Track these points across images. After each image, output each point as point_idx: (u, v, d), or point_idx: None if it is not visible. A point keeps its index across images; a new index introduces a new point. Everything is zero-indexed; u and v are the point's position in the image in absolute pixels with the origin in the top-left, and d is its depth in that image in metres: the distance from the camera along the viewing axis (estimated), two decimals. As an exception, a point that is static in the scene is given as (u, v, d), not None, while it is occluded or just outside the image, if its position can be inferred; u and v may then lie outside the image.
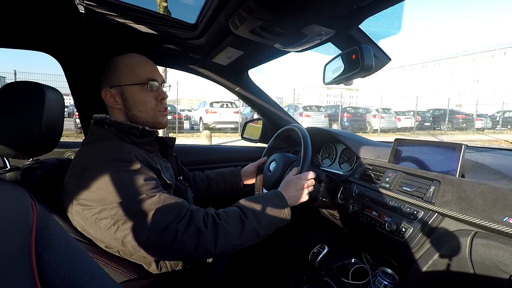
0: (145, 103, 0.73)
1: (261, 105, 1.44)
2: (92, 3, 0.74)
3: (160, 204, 0.58)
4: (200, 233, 0.59)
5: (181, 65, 1.27)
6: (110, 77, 0.71)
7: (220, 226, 0.62)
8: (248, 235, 0.65)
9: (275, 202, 0.73)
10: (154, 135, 0.75)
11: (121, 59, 0.73)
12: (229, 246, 0.63)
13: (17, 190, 0.31)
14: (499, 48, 43.87)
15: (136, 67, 0.72)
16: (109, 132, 0.69)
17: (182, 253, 0.59)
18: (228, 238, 0.62)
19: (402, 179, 0.85)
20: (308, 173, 0.82)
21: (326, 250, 0.76)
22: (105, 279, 0.37)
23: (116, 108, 0.72)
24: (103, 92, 0.71)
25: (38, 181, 0.66)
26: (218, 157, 1.51)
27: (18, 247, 0.28)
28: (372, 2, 0.61)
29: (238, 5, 0.65)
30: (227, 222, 0.64)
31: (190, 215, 0.61)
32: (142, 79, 0.71)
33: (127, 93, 0.71)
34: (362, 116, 12.81)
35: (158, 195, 0.59)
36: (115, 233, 0.57)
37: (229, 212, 0.67)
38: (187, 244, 0.58)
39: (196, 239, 0.59)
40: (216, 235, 0.61)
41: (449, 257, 0.68)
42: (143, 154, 0.67)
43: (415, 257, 0.76)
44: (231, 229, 0.63)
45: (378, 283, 0.76)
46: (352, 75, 0.83)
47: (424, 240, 0.74)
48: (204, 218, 0.62)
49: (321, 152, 1.38)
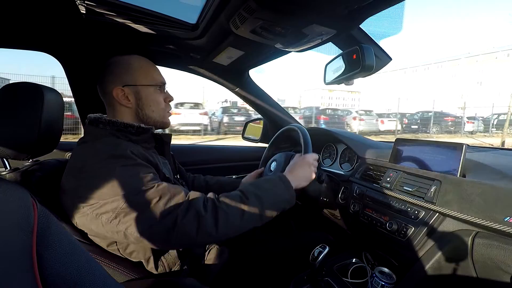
0: (158, 104, 0.76)
1: (262, 105, 1.44)
2: (92, 3, 0.74)
3: (159, 193, 0.59)
4: (200, 217, 0.59)
5: (181, 65, 1.27)
6: (123, 76, 0.71)
7: (220, 209, 0.62)
8: (250, 218, 0.65)
9: (278, 184, 0.73)
10: (150, 132, 0.76)
11: (133, 60, 0.74)
12: (231, 228, 0.63)
13: (18, 190, 0.31)
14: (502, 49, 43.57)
15: (150, 70, 0.75)
16: (104, 131, 0.69)
17: (184, 239, 0.59)
18: (228, 221, 0.62)
19: (403, 179, 0.85)
20: (311, 153, 0.85)
21: (327, 250, 0.76)
22: (106, 279, 0.37)
23: (126, 107, 0.73)
24: (114, 90, 0.71)
25: (38, 182, 0.66)
26: (218, 157, 1.51)
27: (19, 247, 0.28)
28: (373, 2, 0.61)
29: (239, 5, 0.65)
30: (227, 205, 0.64)
31: (189, 201, 0.61)
32: (156, 82, 0.75)
33: (143, 93, 0.73)
34: (340, 118, 12.64)
35: (157, 185, 0.60)
36: (117, 226, 0.57)
37: (230, 195, 0.67)
38: (188, 229, 0.58)
39: (196, 222, 0.59)
40: (217, 218, 0.61)
41: (450, 257, 0.68)
42: (140, 150, 0.67)
43: (416, 257, 0.75)
44: (231, 212, 0.63)
45: (376, 284, 0.76)
46: (353, 75, 0.82)
47: (425, 240, 0.74)
48: (204, 202, 0.63)
49: (322, 152, 1.38)
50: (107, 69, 0.73)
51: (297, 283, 0.81)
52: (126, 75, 0.72)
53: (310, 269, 0.80)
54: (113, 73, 0.72)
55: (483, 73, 45.29)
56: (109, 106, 0.75)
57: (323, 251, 0.76)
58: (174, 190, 0.62)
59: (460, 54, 55.46)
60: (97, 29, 0.88)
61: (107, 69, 0.73)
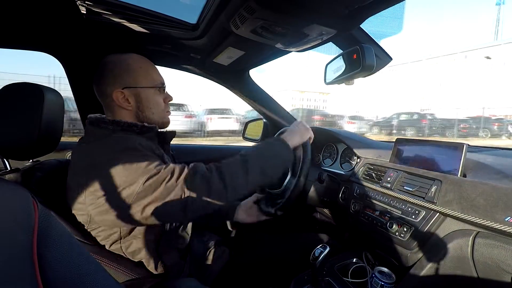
0: (158, 105, 0.75)
1: (262, 105, 1.44)
2: (93, 3, 0.74)
3: (169, 172, 0.61)
4: (206, 178, 0.62)
5: (181, 66, 1.27)
6: (123, 77, 0.69)
7: (223, 168, 0.66)
8: (253, 174, 0.68)
9: (275, 142, 0.78)
10: (155, 130, 0.75)
11: (132, 60, 0.71)
12: (238, 186, 0.66)
13: (19, 190, 0.31)
14: (460, 51, 42.68)
15: (150, 70, 0.74)
16: (107, 131, 0.68)
17: (199, 203, 0.61)
18: (233, 177, 0.65)
19: (404, 178, 0.85)
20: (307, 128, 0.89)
21: (327, 250, 0.76)
22: (107, 279, 0.37)
23: (126, 110, 0.71)
24: (114, 93, 0.69)
25: (38, 182, 0.66)
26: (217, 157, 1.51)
27: (20, 247, 0.28)
28: (373, 1, 0.61)
29: (239, 5, 0.65)
30: (229, 165, 0.67)
31: (193, 168, 0.64)
32: (156, 83, 0.74)
33: (144, 95, 0.72)
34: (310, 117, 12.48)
35: (165, 167, 0.62)
36: (135, 208, 0.58)
37: (230, 159, 0.70)
38: (199, 192, 0.61)
39: (205, 184, 0.62)
40: (223, 176, 0.64)
41: (451, 257, 0.67)
42: (146, 141, 0.68)
43: (417, 257, 0.75)
44: (234, 170, 0.66)
45: (375, 284, 0.76)
46: (353, 74, 0.82)
47: (426, 240, 0.74)
48: (207, 167, 0.66)
49: (322, 151, 1.38)
50: (104, 69, 0.70)
51: (298, 283, 0.81)
52: (125, 77, 0.69)
53: (310, 269, 0.80)
54: (112, 74, 0.69)
55: (443, 75, 44.44)
56: (107, 108, 0.72)
57: (323, 251, 0.75)
58: (180, 167, 0.63)
59: (422, 55, 54.61)
60: (97, 29, 0.88)
61: (104, 69, 0.70)
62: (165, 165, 0.63)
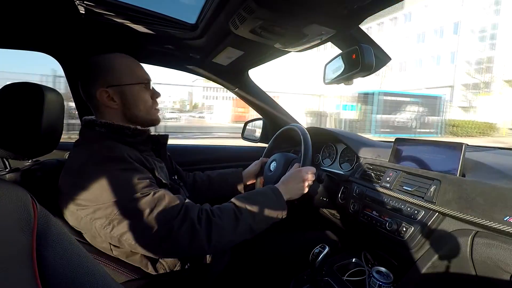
0: (145, 102, 0.74)
1: (261, 105, 1.44)
2: (91, 3, 0.74)
3: (155, 202, 0.59)
4: (194, 230, 0.60)
5: (181, 65, 1.27)
6: (106, 76, 0.69)
7: (214, 222, 0.63)
8: (242, 231, 0.67)
9: (270, 197, 0.75)
10: (147, 134, 0.75)
11: (115, 59, 0.72)
12: (223, 242, 0.65)
13: (18, 190, 0.31)
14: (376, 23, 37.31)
15: (135, 67, 0.73)
16: (99, 134, 0.68)
17: (177, 250, 0.61)
18: (221, 234, 0.64)
19: (403, 178, 0.85)
20: (308, 167, 0.85)
21: (326, 250, 0.76)
22: (106, 279, 0.37)
23: (112, 108, 0.71)
24: (98, 92, 0.69)
25: (38, 182, 0.66)
26: (217, 157, 1.51)
27: (19, 247, 0.28)
28: (373, 1, 0.61)
29: (238, 5, 0.65)
30: (221, 218, 0.65)
31: (184, 212, 0.62)
32: (141, 79, 0.73)
33: (129, 93, 0.71)
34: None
35: (153, 193, 0.60)
36: (111, 232, 0.57)
37: (223, 209, 0.68)
38: (181, 241, 0.59)
39: (190, 235, 0.60)
40: (210, 232, 0.62)
41: (450, 256, 0.68)
42: (136, 154, 0.67)
43: (416, 257, 0.75)
44: (225, 225, 0.64)
45: (373, 283, 0.76)
46: (353, 74, 0.82)
47: (425, 239, 0.74)
48: (199, 214, 0.63)
49: (321, 151, 1.38)
50: (88, 71, 0.71)
51: (297, 283, 0.81)
52: (109, 76, 0.69)
53: (310, 269, 0.80)
54: (95, 74, 0.70)
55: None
56: (95, 109, 0.72)
57: (323, 251, 0.76)
58: (170, 199, 0.62)
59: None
60: (96, 29, 0.88)
61: (88, 71, 0.71)
62: (155, 189, 0.61)
